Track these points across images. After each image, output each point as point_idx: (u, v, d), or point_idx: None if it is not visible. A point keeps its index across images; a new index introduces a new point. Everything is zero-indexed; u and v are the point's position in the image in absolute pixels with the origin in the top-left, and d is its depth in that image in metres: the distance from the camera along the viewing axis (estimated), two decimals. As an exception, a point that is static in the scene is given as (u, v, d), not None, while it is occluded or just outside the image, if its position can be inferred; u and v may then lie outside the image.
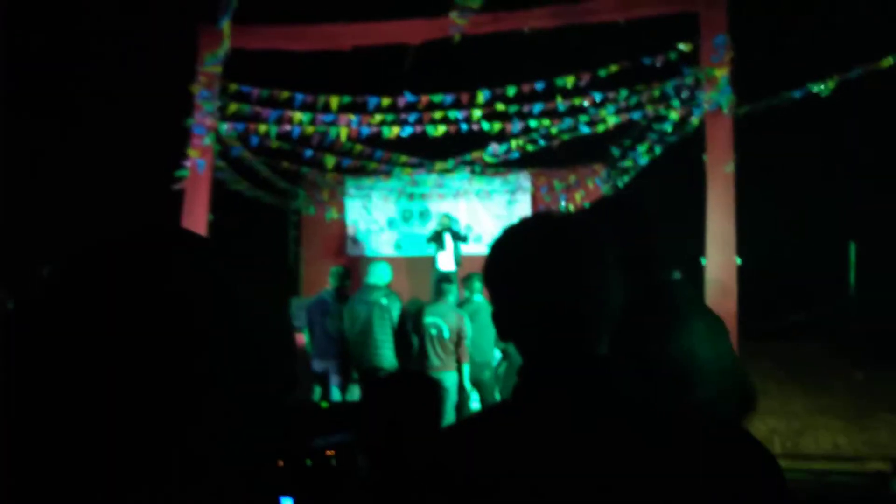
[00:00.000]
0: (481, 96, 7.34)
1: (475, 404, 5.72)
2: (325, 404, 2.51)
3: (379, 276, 5.71)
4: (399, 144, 8.73)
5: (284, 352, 0.57)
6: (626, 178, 10.04)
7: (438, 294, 5.52)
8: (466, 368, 5.35)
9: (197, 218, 7.38)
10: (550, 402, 0.92)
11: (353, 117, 7.56)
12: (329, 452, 2.21)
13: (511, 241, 1.04)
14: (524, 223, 1.07)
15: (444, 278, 5.77)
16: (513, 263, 1.01)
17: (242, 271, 0.56)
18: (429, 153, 9.17)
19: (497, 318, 1.03)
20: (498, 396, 5.68)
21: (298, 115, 7.48)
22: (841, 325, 10.05)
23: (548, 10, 7.28)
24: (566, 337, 0.96)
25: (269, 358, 0.53)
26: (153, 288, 0.49)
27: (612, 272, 0.99)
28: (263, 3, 7.63)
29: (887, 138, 10.02)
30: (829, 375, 7.29)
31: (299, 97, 7.41)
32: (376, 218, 11.22)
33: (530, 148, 7.45)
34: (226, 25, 6.71)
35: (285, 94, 7.38)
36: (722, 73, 6.78)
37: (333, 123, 7.61)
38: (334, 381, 5.79)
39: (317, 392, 5.95)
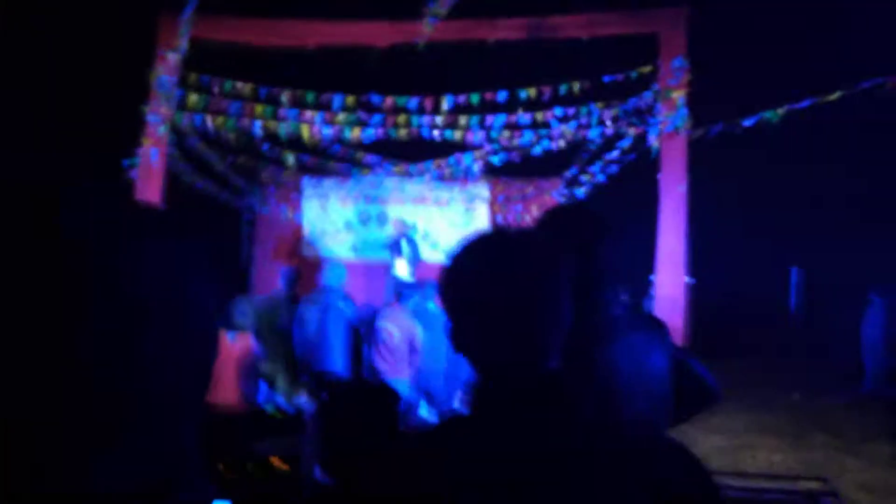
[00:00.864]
0: (445, 102, 7.36)
1: (424, 412, 5.70)
2: (271, 409, 2.47)
3: (335, 277, 5.65)
4: (360, 146, 8.69)
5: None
6: (581, 193, 10.19)
7: (397, 299, 5.49)
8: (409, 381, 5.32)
9: (147, 210, 7.19)
10: (502, 417, 0.93)
11: (315, 114, 7.50)
12: (273, 459, 2.17)
13: (467, 257, 1.04)
14: (480, 239, 1.07)
15: (403, 285, 5.74)
16: (468, 279, 1.02)
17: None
18: (389, 156, 9.15)
19: (450, 332, 1.03)
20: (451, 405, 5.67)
21: (259, 108, 7.38)
22: (782, 346, 10.40)
23: (514, 21, 7.35)
24: (519, 352, 0.97)
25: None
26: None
27: (565, 289, 1.00)
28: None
29: (834, 168, 10.43)
30: (770, 395, 7.50)
31: (263, 91, 7.31)
32: (333, 220, 11.11)
33: (495, 160, 7.49)
34: (187, 19, 6.56)
35: (248, 88, 7.27)
36: (679, 95, 6.95)
37: (296, 119, 7.53)
38: (281, 383, 5.70)
39: (263, 394, 5.85)
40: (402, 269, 8.81)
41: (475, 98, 7.38)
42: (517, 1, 7.50)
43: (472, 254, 1.04)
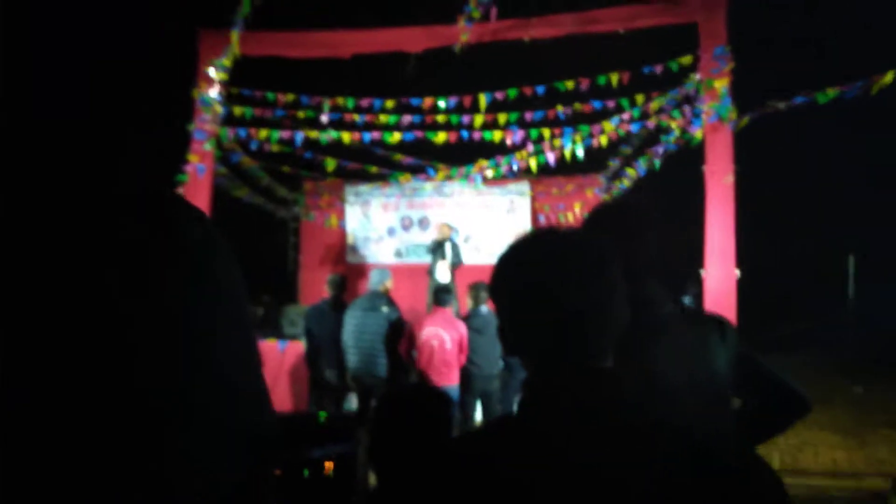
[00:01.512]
0: (483, 100, 7.34)
1: (478, 415, 5.68)
2: (323, 415, 2.50)
3: (380, 283, 5.68)
4: (400, 150, 8.75)
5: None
6: (624, 187, 10.05)
7: (438, 304, 5.49)
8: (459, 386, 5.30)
9: (195, 223, 7.37)
10: (556, 417, 0.92)
11: (356, 118, 7.58)
12: (328, 464, 2.19)
13: (517, 258, 1.05)
14: (530, 239, 1.07)
15: (444, 289, 5.73)
16: (519, 280, 1.02)
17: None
18: (429, 160, 9.19)
19: (502, 333, 1.04)
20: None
21: (301, 114, 7.51)
22: (840, 337, 10.06)
23: (549, 19, 7.29)
24: (571, 352, 0.97)
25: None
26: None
27: (617, 287, 1.00)
28: (263, 10, 7.64)
29: (888, 152, 10.05)
30: (828, 389, 7.27)
31: (304, 100, 7.43)
32: (375, 225, 11.20)
33: (541, 160, 7.43)
34: (234, 34, 6.69)
35: (290, 97, 7.40)
36: (722, 84, 6.78)
37: (336, 125, 7.63)
38: (330, 389, 5.76)
39: (316, 401, 5.93)
40: (443, 272, 8.82)
41: (513, 93, 7.34)
42: (551, -1, 7.44)
43: (522, 253, 1.05)
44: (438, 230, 9.13)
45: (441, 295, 5.57)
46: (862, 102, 6.86)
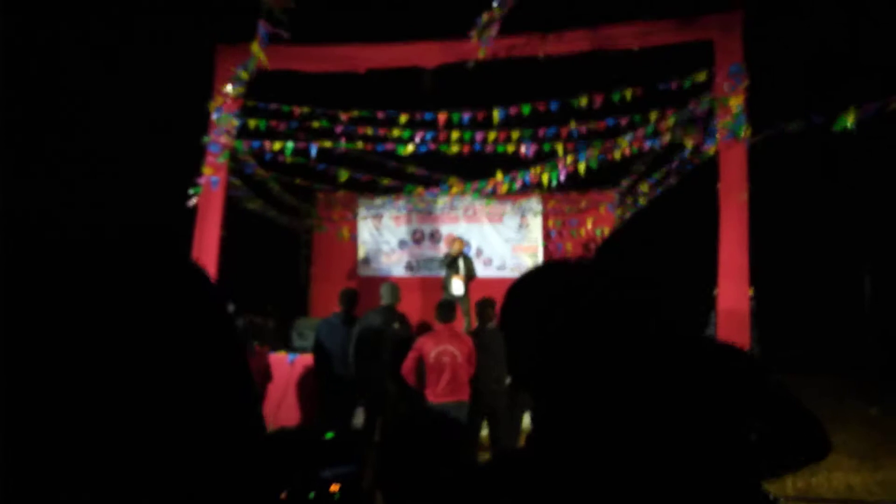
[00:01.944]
0: (497, 115, 7.33)
1: (485, 432, 5.64)
2: (330, 434, 2.47)
3: (391, 296, 5.66)
4: (413, 163, 8.78)
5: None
6: (640, 204, 10.03)
7: (442, 320, 5.41)
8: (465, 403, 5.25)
9: (209, 235, 7.41)
10: (566, 453, 0.91)
11: (370, 131, 7.61)
12: (334, 486, 2.17)
13: (529, 289, 1.04)
14: (541, 271, 1.07)
15: (447, 305, 5.65)
16: (530, 312, 1.01)
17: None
18: (442, 173, 9.20)
19: (511, 362, 1.03)
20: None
21: (316, 124, 7.55)
22: (855, 358, 9.93)
23: (563, 35, 7.30)
24: (577, 387, 0.95)
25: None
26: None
27: (626, 322, 0.98)
28: (280, 24, 7.70)
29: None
30: (843, 410, 7.16)
31: (318, 112, 7.48)
32: (387, 238, 11.21)
33: (554, 177, 7.40)
34: (255, 46, 6.74)
35: (306, 109, 7.44)
36: (737, 102, 6.74)
37: (350, 137, 7.67)
38: (339, 405, 5.74)
39: (324, 414, 5.90)
40: (458, 286, 8.81)
41: (527, 109, 7.33)
42: (567, 14, 7.44)
43: (533, 285, 1.04)
44: (451, 244, 9.12)
45: (444, 311, 5.48)
46: (880, 121, 6.81)
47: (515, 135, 7.46)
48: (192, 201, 7.36)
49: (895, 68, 7.15)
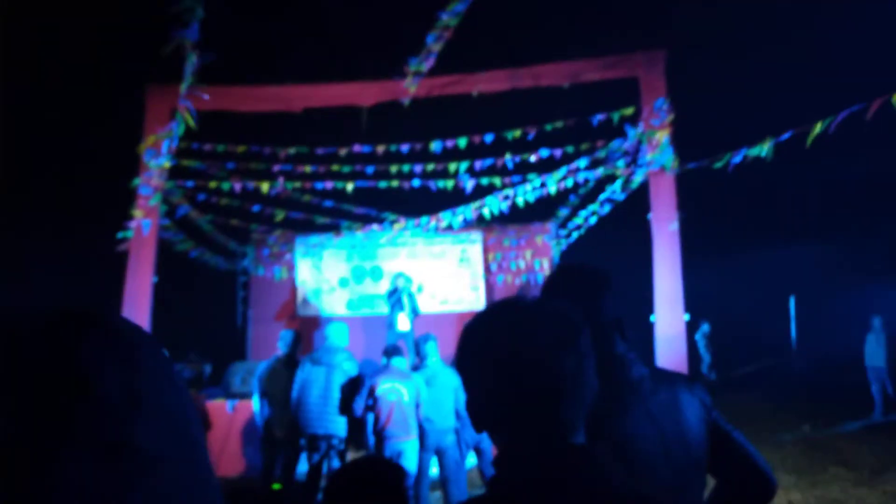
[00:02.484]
0: (433, 146, 7.41)
1: (434, 470, 5.55)
2: (276, 486, 2.40)
3: (339, 337, 5.55)
4: (352, 200, 8.75)
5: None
6: (572, 237, 10.28)
7: (391, 358, 5.38)
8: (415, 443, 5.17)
9: (141, 280, 7.16)
10: (530, 497, 0.90)
11: (307, 168, 7.56)
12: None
13: (486, 330, 1.01)
14: (497, 310, 1.04)
15: (394, 344, 5.63)
16: (489, 352, 0.98)
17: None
18: (381, 209, 9.20)
19: (471, 408, 1.01)
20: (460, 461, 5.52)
21: (254, 165, 7.45)
22: (785, 377, 10.32)
23: (494, 74, 7.48)
24: (544, 427, 0.94)
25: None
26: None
27: (589, 356, 0.98)
28: (213, 64, 7.63)
29: (825, 193, 10.54)
30: (777, 429, 7.40)
31: (254, 149, 7.38)
32: (327, 277, 11.07)
33: (494, 208, 7.52)
34: (183, 86, 6.62)
35: (241, 149, 7.34)
36: (663, 135, 7.03)
37: (287, 176, 7.60)
38: (282, 450, 5.56)
39: (268, 462, 5.69)
40: (404, 323, 8.78)
41: (463, 142, 7.44)
42: (497, 52, 7.65)
43: (490, 325, 1.01)
44: (394, 281, 9.09)
45: (394, 348, 5.47)
46: (799, 149, 7.20)
47: (453, 167, 7.55)
48: (123, 246, 7.11)
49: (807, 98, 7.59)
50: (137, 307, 7.11)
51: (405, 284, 9.08)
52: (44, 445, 0.35)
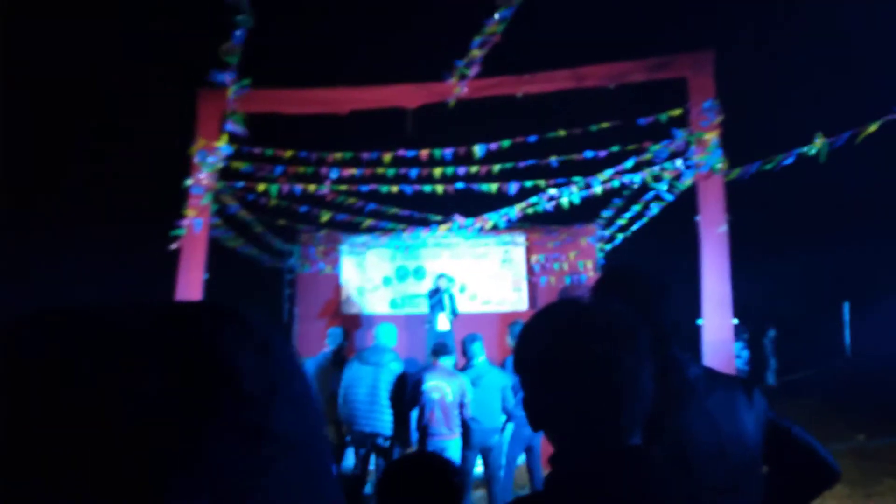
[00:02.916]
0: (478, 151, 7.43)
1: (479, 468, 5.58)
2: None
3: (388, 337, 5.63)
4: (396, 202, 8.84)
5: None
6: (619, 238, 10.17)
7: (439, 356, 5.43)
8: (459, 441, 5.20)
9: (192, 277, 7.36)
10: (584, 498, 0.91)
11: (354, 172, 7.66)
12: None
13: (544, 330, 1.02)
14: (558, 310, 1.05)
15: (442, 342, 5.69)
16: (547, 353, 1.00)
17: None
18: (425, 210, 9.26)
19: (529, 407, 1.02)
20: (503, 461, 5.54)
21: (302, 169, 7.59)
22: (838, 384, 10.02)
23: (541, 76, 7.46)
24: (602, 427, 0.95)
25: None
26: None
27: (647, 358, 0.98)
28: (260, 67, 7.79)
29: (879, 199, 10.21)
30: (830, 437, 7.20)
31: (302, 154, 7.51)
32: (371, 276, 11.20)
33: (539, 209, 7.51)
34: (230, 91, 6.79)
35: (289, 153, 7.48)
36: (712, 136, 6.91)
37: (334, 181, 7.71)
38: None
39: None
40: (444, 323, 8.83)
41: (506, 143, 7.44)
42: (545, 56, 7.62)
43: (551, 327, 1.03)
44: (435, 281, 9.16)
45: (439, 347, 5.53)
46: (853, 150, 7.01)
47: (496, 168, 7.55)
48: (175, 244, 7.32)
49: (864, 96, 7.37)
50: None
51: (447, 285, 9.13)
52: (192, 424, 0.39)
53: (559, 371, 0.97)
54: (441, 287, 9.01)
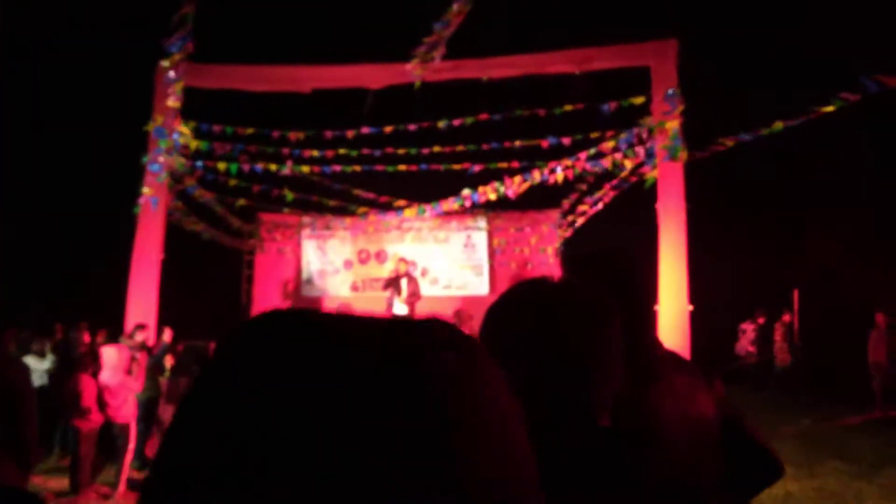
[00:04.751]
0: (440, 125, 7.37)
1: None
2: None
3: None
4: (358, 183, 8.76)
5: None
6: (577, 223, 10.28)
7: None
8: None
9: (148, 256, 7.19)
10: (555, 479, 0.91)
11: (315, 152, 7.55)
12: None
13: (511, 312, 0.99)
14: (525, 291, 1.01)
15: None
16: (514, 336, 0.96)
17: None
18: (388, 193, 9.20)
19: None
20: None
21: (264, 149, 7.45)
22: (787, 368, 10.36)
23: (506, 60, 7.45)
24: (572, 409, 0.94)
25: None
26: None
27: (617, 339, 0.97)
28: (222, 43, 7.62)
29: (826, 185, 10.50)
30: (778, 421, 7.44)
31: (265, 132, 7.37)
32: (332, 258, 11.11)
33: (501, 193, 7.50)
34: (176, 56, 6.62)
35: (249, 131, 7.32)
36: (673, 125, 7.01)
37: (295, 159, 7.60)
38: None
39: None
40: (399, 307, 8.82)
41: (470, 120, 7.40)
42: (509, 39, 7.61)
43: (519, 306, 0.99)
44: (396, 265, 9.11)
45: None
46: (804, 136, 7.19)
47: (460, 147, 7.51)
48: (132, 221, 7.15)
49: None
50: (145, 283, 7.15)
51: (406, 268, 9.11)
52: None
53: (526, 351, 0.95)
54: (400, 272, 8.98)
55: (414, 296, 8.97)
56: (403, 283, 8.92)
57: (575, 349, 0.94)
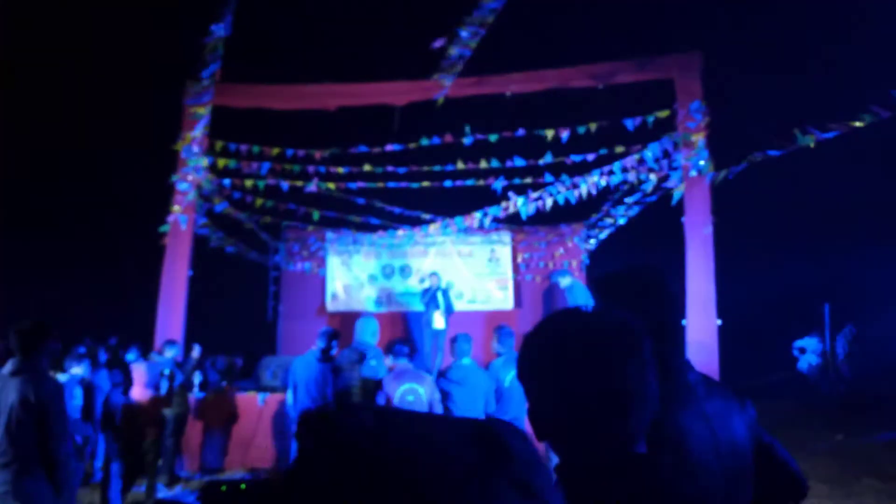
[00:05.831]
0: (465, 140, 7.37)
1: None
2: (243, 486, 2.35)
3: (369, 333, 5.56)
4: (383, 199, 8.82)
5: None
6: (603, 236, 10.23)
7: (398, 358, 5.22)
8: None
9: (177, 273, 7.31)
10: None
11: (340, 170, 7.62)
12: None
13: (552, 339, 1.01)
14: (561, 319, 1.03)
15: (399, 346, 5.42)
16: (555, 362, 0.98)
17: None
18: (413, 208, 9.24)
19: (534, 416, 1.01)
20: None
21: (288, 167, 7.53)
22: (817, 384, 10.17)
23: (528, 74, 7.47)
24: (608, 436, 0.94)
25: None
26: None
27: (651, 365, 0.97)
28: (249, 62, 7.75)
29: (860, 201, 10.34)
30: (809, 437, 7.29)
31: (289, 152, 7.45)
32: (357, 274, 11.17)
33: (522, 211, 7.46)
34: (207, 85, 6.76)
35: (276, 150, 7.41)
36: (698, 138, 6.96)
37: (321, 177, 7.67)
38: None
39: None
40: (439, 321, 8.86)
41: (493, 137, 7.38)
42: (530, 54, 7.63)
43: (556, 336, 1.01)
44: (429, 280, 9.19)
45: (397, 353, 5.27)
46: (835, 152, 7.07)
47: (484, 164, 7.51)
48: (162, 241, 7.27)
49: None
50: (173, 300, 7.26)
51: (439, 283, 9.16)
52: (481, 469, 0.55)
53: (565, 379, 0.96)
54: (433, 285, 9.01)
55: (448, 310, 9.03)
56: (439, 297, 8.98)
57: (611, 377, 0.95)
